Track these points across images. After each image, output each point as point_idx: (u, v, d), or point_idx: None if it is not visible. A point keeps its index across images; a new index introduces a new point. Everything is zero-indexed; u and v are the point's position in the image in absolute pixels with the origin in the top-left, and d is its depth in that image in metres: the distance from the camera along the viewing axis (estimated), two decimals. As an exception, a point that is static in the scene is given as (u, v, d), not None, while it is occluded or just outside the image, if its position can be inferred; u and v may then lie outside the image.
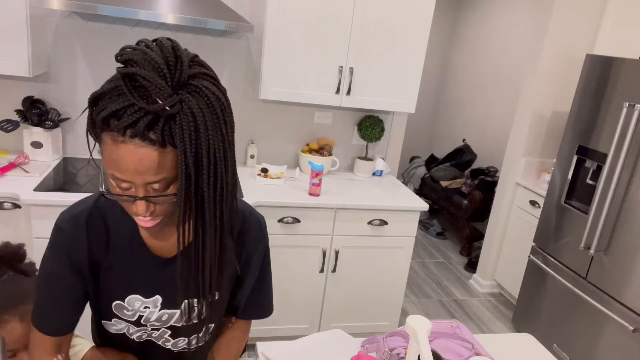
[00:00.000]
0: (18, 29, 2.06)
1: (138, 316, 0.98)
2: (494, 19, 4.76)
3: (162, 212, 0.80)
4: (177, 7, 2.09)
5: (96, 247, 0.93)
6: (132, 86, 0.71)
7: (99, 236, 0.92)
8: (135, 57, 0.71)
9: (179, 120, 0.71)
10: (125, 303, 0.97)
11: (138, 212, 0.78)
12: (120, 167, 0.73)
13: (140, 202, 0.76)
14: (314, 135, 2.91)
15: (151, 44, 0.74)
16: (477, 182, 4.11)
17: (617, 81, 2.43)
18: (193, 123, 0.71)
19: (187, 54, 0.76)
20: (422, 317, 1.04)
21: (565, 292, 2.69)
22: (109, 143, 0.73)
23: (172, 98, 0.71)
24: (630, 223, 2.31)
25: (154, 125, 0.71)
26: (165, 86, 0.70)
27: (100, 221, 0.92)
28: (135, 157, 0.72)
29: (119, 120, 0.71)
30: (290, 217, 2.36)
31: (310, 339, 1.40)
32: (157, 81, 0.70)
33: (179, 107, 0.71)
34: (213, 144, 0.74)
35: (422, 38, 2.53)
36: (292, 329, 2.57)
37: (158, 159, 0.72)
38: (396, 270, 2.62)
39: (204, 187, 0.75)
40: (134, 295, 0.96)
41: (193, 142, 0.72)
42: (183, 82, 0.73)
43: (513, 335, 1.55)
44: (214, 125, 0.74)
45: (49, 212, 2.01)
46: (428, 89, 5.67)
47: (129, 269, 0.95)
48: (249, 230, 1.03)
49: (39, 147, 2.37)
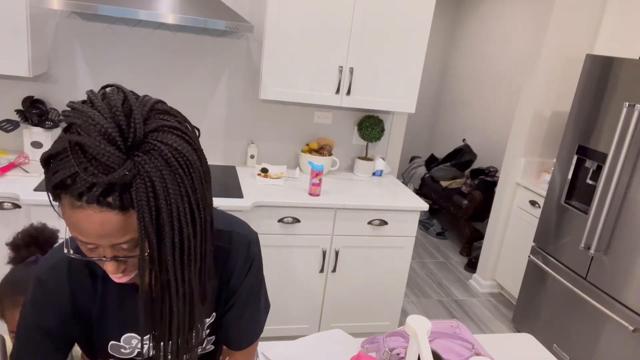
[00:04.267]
0: (18, 29, 2.06)
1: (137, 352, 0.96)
2: (494, 19, 4.76)
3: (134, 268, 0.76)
4: (177, 7, 2.09)
5: (81, 294, 0.88)
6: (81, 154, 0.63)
7: (83, 283, 0.87)
8: (79, 121, 0.63)
9: (135, 187, 0.64)
10: (122, 342, 0.94)
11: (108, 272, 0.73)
12: (82, 231, 0.67)
13: (109, 263, 0.72)
14: (314, 135, 2.91)
15: (98, 102, 0.65)
16: (477, 182, 4.11)
17: (617, 81, 2.43)
18: (151, 187, 0.64)
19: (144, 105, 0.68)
20: (422, 317, 1.04)
21: (565, 292, 2.69)
22: (67, 207, 0.67)
23: (125, 165, 0.63)
24: (630, 223, 2.31)
25: (110, 191, 0.64)
26: (115, 153, 0.63)
27: (84, 269, 0.87)
28: (96, 222, 0.66)
29: (73, 185, 0.64)
30: (290, 217, 2.36)
31: (310, 339, 1.40)
32: (105, 149, 0.62)
33: (135, 172, 0.64)
34: (176, 207, 0.67)
35: (422, 38, 2.53)
36: (292, 329, 2.57)
37: (121, 222, 0.66)
38: (396, 270, 2.62)
39: (168, 257, 0.69)
40: (129, 334, 0.93)
41: (153, 208, 0.65)
42: (138, 141, 0.65)
43: (513, 335, 1.55)
44: (176, 186, 0.66)
45: (49, 212, 2.01)
46: (428, 89, 5.67)
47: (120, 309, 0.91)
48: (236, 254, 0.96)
49: (39, 147, 2.37)
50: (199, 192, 0.70)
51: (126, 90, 0.69)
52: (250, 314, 1.02)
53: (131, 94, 0.69)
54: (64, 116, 0.66)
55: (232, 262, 0.95)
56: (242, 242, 0.96)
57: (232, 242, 0.95)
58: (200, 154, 0.71)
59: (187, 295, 0.75)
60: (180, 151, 0.67)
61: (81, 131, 0.63)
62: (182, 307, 0.76)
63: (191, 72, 2.62)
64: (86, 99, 0.67)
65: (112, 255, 0.71)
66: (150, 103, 0.69)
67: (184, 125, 0.71)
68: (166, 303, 0.74)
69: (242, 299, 1.00)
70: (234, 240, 0.95)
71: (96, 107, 0.65)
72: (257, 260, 0.99)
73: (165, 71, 2.58)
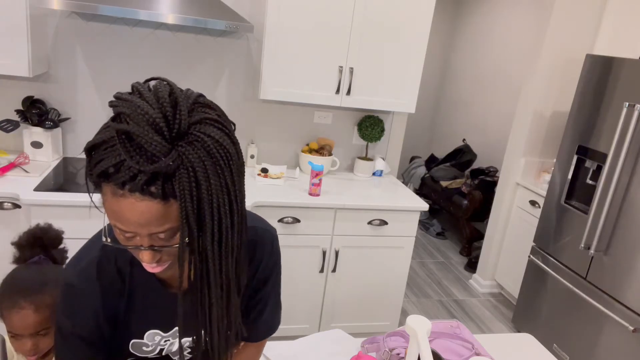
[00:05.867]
0: (18, 29, 2.06)
1: (159, 350, 0.97)
2: (494, 19, 4.76)
3: (169, 258, 0.77)
4: (177, 7, 2.09)
5: (110, 293, 0.89)
6: (127, 143, 0.64)
7: (112, 285, 0.88)
8: (129, 110, 0.65)
9: (178, 176, 0.66)
10: (145, 339, 0.95)
11: (144, 261, 0.75)
12: (122, 219, 0.69)
13: (145, 252, 0.73)
14: (314, 135, 2.91)
15: (146, 93, 0.67)
16: (477, 182, 4.11)
17: (617, 81, 2.43)
18: (194, 178, 0.66)
19: (189, 97, 0.69)
20: (422, 317, 1.04)
21: (565, 292, 2.69)
22: (109, 195, 0.68)
23: (170, 154, 0.65)
24: (630, 223, 2.31)
25: (153, 180, 0.66)
26: (162, 142, 0.64)
27: (112, 266, 0.88)
28: (137, 211, 0.67)
29: (117, 174, 0.66)
30: (290, 217, 2.36)
31: (310, 339, 1.40)
32: (152, 138, 0.64)
33: (179, 162, 0.65)
34: (217, 198, 0.69)
35: (422, 38, 2.53)
36: (292, 329, 2.57)
37: (161, 212, 0.68)
38: (396, 270, 2.62)
39: (207, 246, 0.71)
40: (153, 330, 0.94)
41: (195, 198, 0.67)
42: (183, 132, 0.66)
43: (513, 335, 1.55)
44: (217, 178, 0.68)
45: (49, 212, 2.01)
46: (428, 89, 5.67)
47: (146, 307, 0.92)
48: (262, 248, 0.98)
49: (39, 147, 2.37)
50: (237, 184, 0.72)
51: (171, 83, 0.70)
52: (271, 308, 1.06)
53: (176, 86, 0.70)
54: (112, 106, 0.67)
55: (258, 257, 0.98)
56: (267, 237, 0.99)
57: (257, 237, 0.97)
58: (238, 147, 0.73)
59: (225, 287, 0.77)
60: (221, 143, 0.68)
61: (129, 120, 0.64)
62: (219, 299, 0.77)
63: (191, 72, 2.62)
64: (133, 90, 0.69)
65: (149, 244, 0.72)
66: (194, 96, 0.70)
67: (223, 118, 0.73)
68: (205, 294, 0.75)
69: (265, 293, 1.03)
70: (259, 235, 0.98)
71: (144, 98, 0.66)
72: (279, 256, 1.03)
73: (165, 71, 2.58)
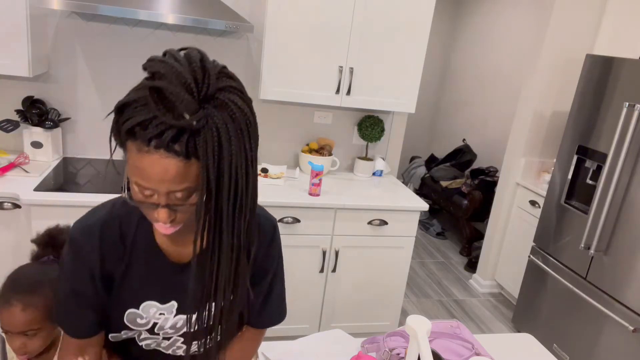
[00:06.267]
0: (18, 29, 2.06)
1: (152, 324, 0.97)
2: (494, 19, 4.76)
3: (182, 220, 0.81)
4: (177, 7, 2.09)
5: (110, 257, 0.92)
6: (159, 99, 0.70)
7: (113, 246, 0.92)
8: (163, 70, 0.71)
9: (203, 135, 0.71)
10: (140, 310, 0.96)
11: (159, 219, 0.78)
12: (145, 175, 0.73)
13: (162, 210, 0.77)
14: (314, 135, 2.91)
15: (179, 57, 0.73)
16: (477, 182, 4.12)
17: (617, 81, 2.43)
18: (217, 138, 0.71)
19: (216, 66, 0.75)
20: (422, 317, 1.04)
21: (565, 292, 2.69)
22: (133, 151, 0.73)
23: (198, 113, 0.70)
24: (630, 223, 2.31)
25: (178, 137, 0.71)
26: (191, 101, 0.70)
27: (116, 230, 0.92)
28: (160, 167, 0.72)
29: (145, 130, 0.71)
30: (290, 217, 2.36)
31: (310, 339, 1.40)
32: (183, 96, 0.69)
33: (204, 122, 0.71)
34: (235, 160, 0.73)
35: (422, 38, 2.53)
36: (292, 329, 2.57)
37: (182, 170, 0.72)
38: (396, 270, 2.62)
39: (223, 204, 0.75)
40: (149, 301, 0.96)
41: (216, 157, 0.72)
42: (210, 95, 0.72)
43: (513, 335, 1.55)
44: (238, 141, 0.73)
45: (49, 212, 2.01)
46: (428, 89, 5.67)
47: (145, 276, 0.94)
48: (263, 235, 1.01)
49: (39, 147, 2.37)
50: (254, 150, 0.77)
51: (202, 52, 0.75)
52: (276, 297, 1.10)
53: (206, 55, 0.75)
54: (146, 67, 0.73)
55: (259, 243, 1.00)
56: (268, 225, 1.03)
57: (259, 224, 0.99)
58: (254, 119, 0.78)
59: (235, 250, 0.81)
60: (243, 111, 0.74)
61: (163, 78, 0.70)
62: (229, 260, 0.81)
63: (191, 72, 2.61)
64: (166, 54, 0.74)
65: (166, 202, 0.76)
66: (220, 66, 0.76)
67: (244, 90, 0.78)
68: (215, 252, 0.79)
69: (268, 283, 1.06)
70: (261, 223, 1.00)
71: (178, 60, 0.72)
72: (280, 245, 1.07)
73: (165, 71, 2.57)
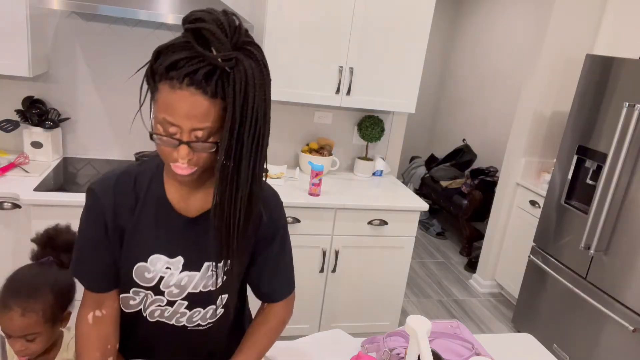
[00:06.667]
0: (18, 29, 2.06)
1: (159, 278, 1.01)
2: (494, 19, 4.76)
3: (199, 162, 0.87)
4: (177, 7, 2.09)
5: (122, 209, 0.99)
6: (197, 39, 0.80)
7: (125, 199, 0.99)
8: (203, 15, 0.81)
9: (232, 76, 0.80)
10: (148, 263, 1.00)
11: (179, 156, 0.85)
12: (173, 110, 0.81)
13: (183, 147, 0.84)
14: (314, 135, 2.91)
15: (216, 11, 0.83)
16: (477, 182, 4.12)
17: (617, 81, 2.43)
18: (244, 81, 0.80)
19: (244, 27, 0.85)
20: (422, 317, 1.04)
21: (565, 292, 2.69)
22: (166, 89, 0.81)
23: (230, 54, 0.80)
24: (630, 223, 2.31)
25: (210, 76, 0.80)
26: (226, 41, 0.80)
27: (130, 183, 0.99)
28: (188, 103, 0.80)
29: (180, 69, 0.79)
30: (290, 217, 2.36)
31: (310, 339, 1.40)
32: (220, 36, 0.79)
33: (234, 64, 0.80)
34: (258, 102, 0.83)
35: (422, 38, 2.53)
36: (292, 329, 2.57)
37: (208, 108, 0.81)
38: (396, 270, 2.62)
39: (245, 138, 0.83)
40: (157, 254, 1.00)
41: (242, 97, 0.81)
42: (240, 45, 0.82)
43: (513, 335, 1.55)
44: (261, 87, 0.83)
45: (49, 212, 2.01)
46: (428, 89, 5.67)
47: (154, 229, 1.00)
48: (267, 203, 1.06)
49: (39, 147, 2.37)
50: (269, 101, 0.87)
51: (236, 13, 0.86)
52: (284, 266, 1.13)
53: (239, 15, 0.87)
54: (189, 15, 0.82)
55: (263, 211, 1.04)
56: (271, 193, 1.09)
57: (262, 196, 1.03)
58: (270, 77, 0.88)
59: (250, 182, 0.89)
60: (265, 64, 0.85)
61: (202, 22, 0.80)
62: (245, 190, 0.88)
63: (191, 72, 2.61)
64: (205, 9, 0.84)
65: (187, 139, 0.84)
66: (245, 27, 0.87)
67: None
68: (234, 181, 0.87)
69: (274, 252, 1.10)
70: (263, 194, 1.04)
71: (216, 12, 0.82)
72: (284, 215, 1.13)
73: (165, 71, 2.57)
